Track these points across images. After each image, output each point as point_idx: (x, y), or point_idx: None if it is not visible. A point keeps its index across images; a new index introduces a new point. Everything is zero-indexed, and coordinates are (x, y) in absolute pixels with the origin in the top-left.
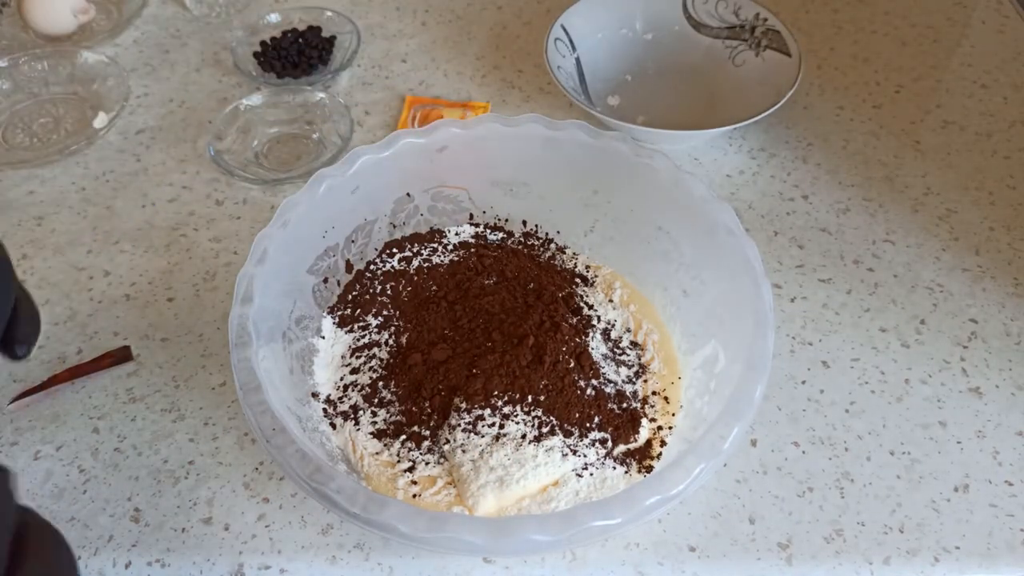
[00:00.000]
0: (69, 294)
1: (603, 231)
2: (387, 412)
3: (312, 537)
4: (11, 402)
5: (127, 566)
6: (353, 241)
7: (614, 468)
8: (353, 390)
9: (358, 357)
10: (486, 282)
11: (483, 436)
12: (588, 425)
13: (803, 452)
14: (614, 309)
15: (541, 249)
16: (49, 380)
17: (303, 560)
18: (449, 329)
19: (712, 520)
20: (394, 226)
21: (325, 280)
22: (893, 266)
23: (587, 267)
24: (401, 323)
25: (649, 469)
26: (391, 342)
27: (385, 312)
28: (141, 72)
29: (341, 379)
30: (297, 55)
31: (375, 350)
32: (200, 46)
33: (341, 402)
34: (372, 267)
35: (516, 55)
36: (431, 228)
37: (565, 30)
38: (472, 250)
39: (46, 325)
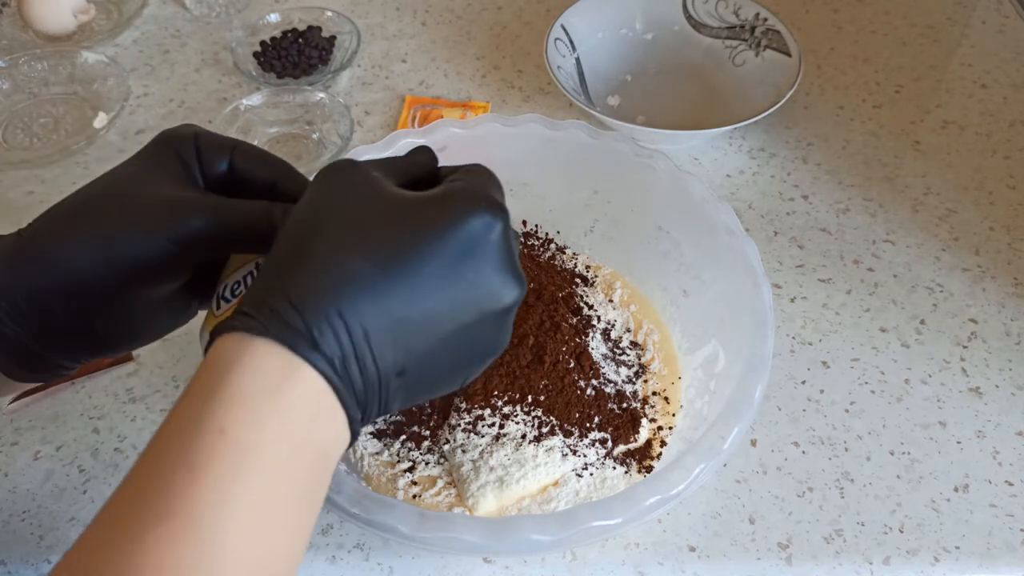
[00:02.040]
0: None
1: (603, 231)
2: None
3: (312, 537)
4: (11, 402)
5: None
6: None
7: (614, 468)
8: None
9: None
10: None
11: (483, 436)
12: (588, 425)
13: (803, 452)
14: (614, 309)
15: (541, 249)
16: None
17: (303, 560)
18: None
19: (712, 520)
20: None
21: None
22: (893, 266)
23: (587, 267)
24: None
25: (649, 469)
26: None
27: None
28: (141, 72)
29: None
30: (297, 55)
31: None
32: (200, 46)
33: None
34: None
35: (516, 55)
36: None
37: (565, 30)
38: None
39: None
